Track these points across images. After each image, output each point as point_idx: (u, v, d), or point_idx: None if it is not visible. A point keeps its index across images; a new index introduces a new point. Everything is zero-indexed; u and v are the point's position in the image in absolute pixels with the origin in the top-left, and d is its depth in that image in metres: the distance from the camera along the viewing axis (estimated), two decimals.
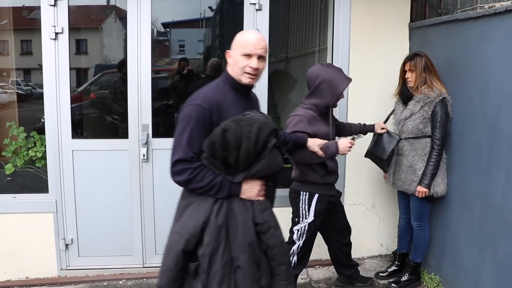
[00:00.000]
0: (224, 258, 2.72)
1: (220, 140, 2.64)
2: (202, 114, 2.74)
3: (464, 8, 4.41)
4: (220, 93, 2.88)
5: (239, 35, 2.96)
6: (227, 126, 2.66)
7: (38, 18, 4.63)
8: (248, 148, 2.64)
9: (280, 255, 2.87)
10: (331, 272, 4.95)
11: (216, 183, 2.74)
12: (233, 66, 2.92)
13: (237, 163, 2.71)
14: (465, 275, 4.20)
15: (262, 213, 2.82)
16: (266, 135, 2.68)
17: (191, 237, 2.74)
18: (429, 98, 4.27)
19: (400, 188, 4.56)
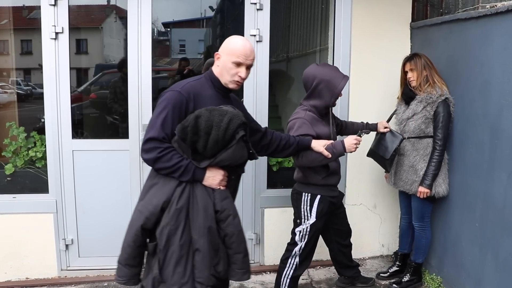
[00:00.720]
0: (183, 239, 2.83)
1: (192, 125, 2.76)
2: (180, 100, 2.89)
3: (466, 7, 4.39)
4: (201, 86, 3.04)
5: (232, 40, 3.08)
6: (201, 113, 2.79)
7: (38, 17, 4.62)
8: (217, 136, 2.75)
9: (237, 244, 2.95)
10: (332, 273, 4.94)
11: (181, 166, 2.83)
12: (221, 70, 3.06)
13: (204, 150, 2.82)
14: (466, 275, 4.19)
15: (222, 201, 2.91)
16: (235, 126, 2.80)
17: (151, 215, 2.84)
18: (431, 98, 4.26)
19: (401, 188, 4.55)
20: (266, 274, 5.03)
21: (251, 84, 4.87)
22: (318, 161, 3.75)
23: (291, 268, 4.06)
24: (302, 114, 3.88)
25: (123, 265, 2.96)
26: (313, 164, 3.79)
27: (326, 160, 3.76)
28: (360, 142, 3.85)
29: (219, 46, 3.20)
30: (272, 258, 5.07)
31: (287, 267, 4.08)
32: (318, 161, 3.75)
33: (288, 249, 4.13)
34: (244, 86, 4.87)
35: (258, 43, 4.83)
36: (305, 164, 3.78)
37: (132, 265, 2.94)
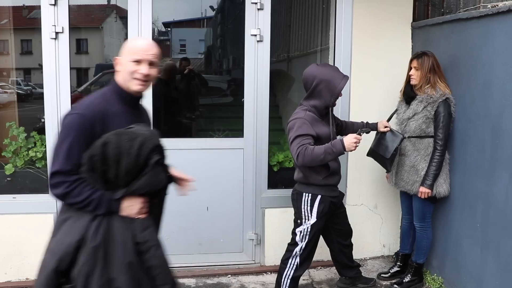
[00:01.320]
0: (102, 279, 2.53)
1: (99, 154, 2.48)
2: (84, 124, 2.56)
3: (467, 7, 4.39)
4: (106, 102, 2.70)
5: (129, 41, 2.83)
6: (108, 139, 2.50)
7: (38, 17, 4.61)
8: (128, 164, 2.49)
9: (162, 275, 2.71)
10: (333, 273, 4.92)
11: (94, 199, 2.55)
12: (122, 73, 2.74)
13: (117, 179, 2.54)
14: (468, 276, 4.18)
15: (142, 231, 2.64)
16: (147, 152, 2.53)
17: (64, 256, 2.52)
18: (432, 98, 4.26)
19: (402, 189, 4.54)
20: (267, 274, 5.02)
21: (251, 84, 4.87)
22: (319, 160, 3.74)
23: (291, 269, 4.06)
24: (302, 114, 3.87)
25: None
26: (313, 163, 3.78)
27: (326, 159, 3.75)
28: (360, 141, 3.80)
29: (220, 45, 3.15)
30: (272, 258, 5.05)
31: (287, 267, 4.07)
32: (318, 160, 3.74)
33: (288, 249, 4.12)
34: (245, 86, 4.88)
35: (259, 43, 4.82)
36: (306, 163, 3.77)
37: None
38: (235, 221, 5.07)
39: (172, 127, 6.38)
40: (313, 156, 3.70)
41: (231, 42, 8.82)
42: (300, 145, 3.73)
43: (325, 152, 3.71)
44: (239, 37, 5.06)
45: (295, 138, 3.77)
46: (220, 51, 9.52)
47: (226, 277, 4.93)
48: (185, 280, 4.81)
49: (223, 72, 9.09)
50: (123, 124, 2.63)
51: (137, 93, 2.79)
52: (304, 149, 3.71)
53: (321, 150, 3.71)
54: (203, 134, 6.65)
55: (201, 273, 4.97)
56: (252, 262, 5.14)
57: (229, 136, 5.35)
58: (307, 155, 3.70)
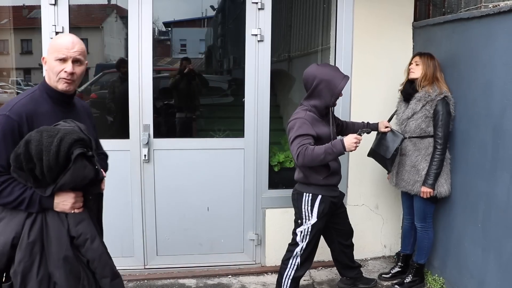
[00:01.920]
0: (40, 275, 2.56)
1: (23, 152, 2.47)
2: (10, 125, 2.56)
3: (468, 7, 4.38)
4: (34, 102, 2.67)
5: (53, 39, 2.79)
6: (31, 137, 2.49)
7: (38, 17, 4.60)
8: (49, 161, 2.46)
9: (100, 268, 2.73)
10: (334, 274, 4.92)
11: (25, 198, 2.55)
12: (48, 73, 2.71)
13: (43, 176, 2.53)
14: (469, 276, 4.17)
15: (76, 225, 2.65)
16: (67, 146, 2.50)
17: (0, 255, 2.55)
18: (430, 96, 4.27)
19: (403, 189, 4.54)
20: (268, 275, 5.01)
21: (252, 84, 4.87)
22: (319, 160, 3.73)
23: (292, 269, 4.05)
24: (302, 114, 3.87)
25: None
26: (313, 163, 3.76)
27: (327, 159, 3.74)
28: (360, 141, 3.79)
29: (221, 45, 3.15)
30: (273, 259, 5.05)
31: (288, 267, 4.06)
32: (318, 160, 3.73)
33: (289, 249, 4.11)
34: (245, 86, 4.88)
35: (260, 42, 4.82)
36: (306, 163, 3.76)
37: None
38: (236, 222, 5.06)
39: (172, 127, 6.37)
40: (313, 156, 3.69)
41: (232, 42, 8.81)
42: (300, 145, 3.72)
43: (325, 152, 3.69)
44: (239, 37, 5.04)
45: (295, 138, 3.76)
46: (221, 51, 9.51)
47: (227, 278, 4.92)
48: (185, 280, 4.81)
49: (224, 72, 9.09)
50: (51, 123, 2.62)
51: (67, 92, 2.75)
52: (305, 149, 3.69)
53: (321, 150, 3.70)
54: (204, 134, 6.64)
55: (201, 273, 4.96)
56: (253, 263, 5.14)
57: (230, 136, 5.35)
58: (307, 155, 3.69)
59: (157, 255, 4.94)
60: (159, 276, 4.89)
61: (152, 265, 4.96)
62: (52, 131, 2.52)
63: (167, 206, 4.86)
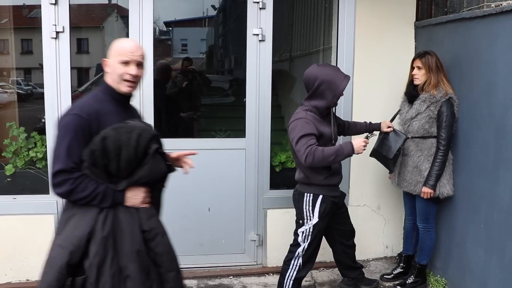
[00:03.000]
0: (113, 268, 2.66)
1: (99, 148, 2.61)
2: (81, 124, 2.67)
3: (471, 6, 4.37)
4: (100, 103, 2.80)
5: (116, 42, 2.88)
6: (107, 134, 2.63)
7: (38, 16, 4.59)
8: (128, 155, 2.63)
9: (168, 262, 2.86)
10: (336, 274, 4.90)
11: (99, 193, 2.67)
12: (111, 75, 2.84)
13: (118, 171, 2.69)
14: (471, 277, 4.15)
15: (148, 220, 2.80)
16: (146, 142, 2.68)
17: (76, 249, 2.62)
18: (435, 97, 4.23)
19: (405, 189, 4.51)
20: (269, 275, 5.00)
21: (253, 84, 4.85)
22: (328, 161, 3.72)
23: (294, 270, 4.03)
24: (303, 114, 3.85)
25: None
26: (321, 164, 3.74)
27: (336, 160, 3.75)
28: (367, 144, 3.84)
29: (222, 45, 3.16)
30: (275, 259, 5.03)
31: (290, 268, 4.04)
32: (328, 161, 3.72)
33: (290, 250, 4.09)
34: (247, 86, 4.87)
35: (261, 42, 4.80)
36: (315, 164, 3.72)
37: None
38: (237, 222, 5.04)
39: (173, 127, 6.36)
40: (324, 157, 3.68)
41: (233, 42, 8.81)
42: (308, 145, 3.69)
43: (335, 154, 3.70)
44: (240, 37, 5.03)
45: (300, 138, 3.73)
46: (222, 51, 9.50)
47: (228, 278, 4.91)
48: (186, 281, 4.74)
49: (225, 71, 9.09)
50: (117, 122, 2.73)
51: (127, 93, 2.88)
52: (314, 149, 3.67)
53: (332, 151, 3.70)
54: (205, 134, 6.64)
55: (202, 274, 4.95)
56: (254, 263, 5.12)
57: (231, 136, 5.33)
58: (317, 156, 3.66)
59: None
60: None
61: None
62: (129, 127, 2.69)
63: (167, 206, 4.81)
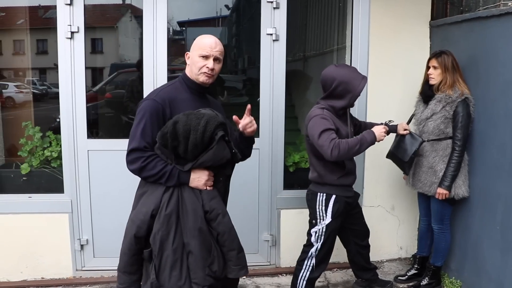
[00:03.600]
0: (175, 243, 2.94)
1: (171, 131, 2.85)
2: (156, 108, 2.99)
3: (487, 5, 4.34)
4: (176, 90, 3.14)
5: (198, 38, 3.20)
6: (178, 118, 2.88)
7: (54, 17, 4.62)
8: (196, 139, 2.83)
9: (229, 241, 3.07)
10: (349, 275, 4.89)
11: (166, 171, 2.95)
12: (191, 67, 3.14)
13: (186, 153, 2.91)
14: (487, 279, 4.12)
15: (210, 201, 3.01)
16: (213, 128, 2.88)
17: (142, 223, 2.96)
18: (450, 98, 4.20)
19: (420, 190, 4.49)
20: (282, 276, 4.99)
21: (267, 83, 4.85)
22: (354, 152, 3.72)
23: (307, 270, 4.02)
24: (320, 111, 3.83)
25: (122, 273, 3.10)
26: (347, 155, 3.72)
27: (361, 149, 3.76)
28: (387, 131, 3.94)
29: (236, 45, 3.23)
30: (288, 260, 5.02)
31: (303, 269, 4.04)
32: (353, 152, 3.72)
33: (304, 250, 4.09)
34: (261, 85, 4.87)
35: (275, 42, 4.79)
36: (341, 156, 3.68)
37: (130, 272, 3.09)
38: (250, 222, 5.03)
39: None
40: (350, 147, 3.67)
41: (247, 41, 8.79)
42: (330, 139, 3.66)
43: (359, 143, 3.72)
44: (254, 36, 5.02)
45: (321, 133, 3.70)
46: (236, 51, 9.50)
47: (241, 278, 4.87)
48: None
49: (239, 71, 9.08)
50: (189, 109, 3.01)
51: (204, 84, 3.16)
52: (338, 142, 3.65)
53: (356, 141, 3.72)
54: None
55: None
56: (267, 264, 5.12)
57: None
58: (342, 147, 3.64)
59: None
60: None
61: None
62: (199, 114, 2.92)
63: None
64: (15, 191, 4.82)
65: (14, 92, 6.94)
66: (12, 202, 4.71)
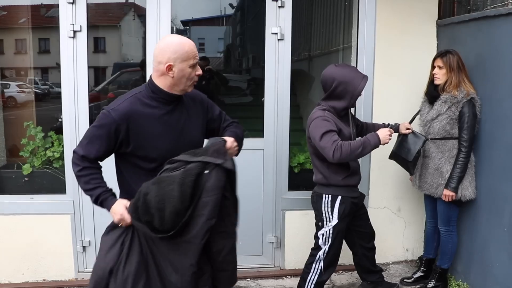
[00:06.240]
0: None
1: (141, 204, 2.59)
2: (109, 123, 2.75)
3: (495, 4, 4.31)
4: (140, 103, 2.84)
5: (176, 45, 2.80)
6: (148, 189, 2.60)
7: (56, 16, 4.59)
8: (175, 207, 2.55)
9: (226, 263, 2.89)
10: (355, 278, 4.85)
11: (92, 195, 2.80)
12: (178, 79, 2.82)
13: (162, 225, 2.58)
14: (494, 282, 4.08)
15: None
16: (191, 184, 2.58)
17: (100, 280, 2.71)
18: (456, 98, 4.17)
19: (426, 192, 4.45)
20: (287, 278, 4.95)
21: (272, 83, 4.81)
22: (356, 154, 3.69)
23: (315, 274, 3.99)
24: (321, 113, 3.82)
25: None
26: (349, 158, 3.70)
27: (364, 152, 3.72)
28: (392, 134, 3.86)
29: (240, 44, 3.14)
30: (292, 262, 4.99)
31: (311, 272, 4.01)
32: (356, 154, 3.69)
33: (312, 254, 4.06)
34: (265, 85, 4.84)
35: (280, 41, 4.76)
36: (343, 158, 3.66)
37: None
38: (255, 224, 4.99)
39: None
40: (352, 149, 3.64)
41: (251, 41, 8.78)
42: (333, 141, 3.64)
43: (362, 145, 3.68)
44: (259, 36, 5.00)
45: (323, 135, 3.68)
46: (240, 50, 9.48)
47: (245, 281, 4.87)
48: None
49: (243, 71, 9.06)
50: (150, 127, 2.79)
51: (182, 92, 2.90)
52: (340, 144, 3.63)
53: (359, 143, 3.69)
54: None
55: None
56: (272, 266, 5.08)
57: (249, 137, 5.27)
58: (345, 149, 3.62)
59: None
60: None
61: None
62: (169, 179, 2.59)
63: None
64: (17, 192, 4.80)
65: (16, 91, 6.93)
66: (13, 203, 4.68)
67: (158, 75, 2.81)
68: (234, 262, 2.92)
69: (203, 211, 2.60)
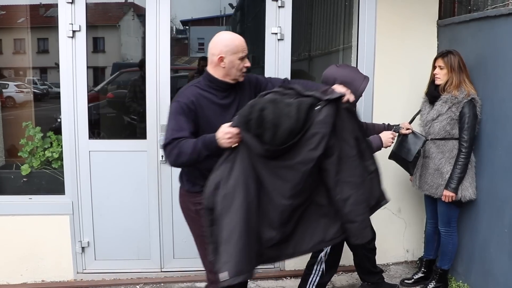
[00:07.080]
0: None
1: (256, 117, 2.75)
2: (184, 107, 3.07)
3: (495, 4, 4.32)
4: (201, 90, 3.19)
5: (228, 39, 3.23)
6: (264, 106, 2.77)
7: (55, 16, 4.59)
8: (291, 125, 2.71)
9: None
10: (355, 279, 4.85)
11: (197, 145, 2.95)
12: (228, 70, 3.17)
13: (273, 140, 2.74)
14: (495, 283, 4.08)
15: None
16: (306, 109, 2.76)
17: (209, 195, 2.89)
18: (456, 98, 4.16)
19: (426, 192, 4.44)
20: (286, 279, 4.95)
21: None
22: None
23: (317, 275, 4.00)
24: None
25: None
26: None
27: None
28: (395, 137, 3.92)
29: None
30: (292, 263, 4.94)
31: (312, 273, 4.01)
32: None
33: (313, 255, 4.05)
34: None
35: (280, 41, 4.75)
36: None
37: None
38: None
39: None
40: None
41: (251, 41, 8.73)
42: None
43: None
44: (259, 36, 4.99)
45: None
46: None
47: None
48: (202, 284, 4.72)
49: None
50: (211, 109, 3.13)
51: (234, 81, 3.23)
52: None
53: None
54: None
55: None
56: (272, 266, 5.06)
57: None
58: None
59: (174, 258, 4.88)
60: (176, 280, 4.85)
61: (168, 268, 4.91)
62: (286, 102, 2.80)
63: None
64: (15, 193, 4.79)
65: (14, 91, 6.91)
66: (12, 204, 4.68)
67: (213, 66, 3.19)
68: (363, 215, 3.02)
69: (309, 142, 2.78)
